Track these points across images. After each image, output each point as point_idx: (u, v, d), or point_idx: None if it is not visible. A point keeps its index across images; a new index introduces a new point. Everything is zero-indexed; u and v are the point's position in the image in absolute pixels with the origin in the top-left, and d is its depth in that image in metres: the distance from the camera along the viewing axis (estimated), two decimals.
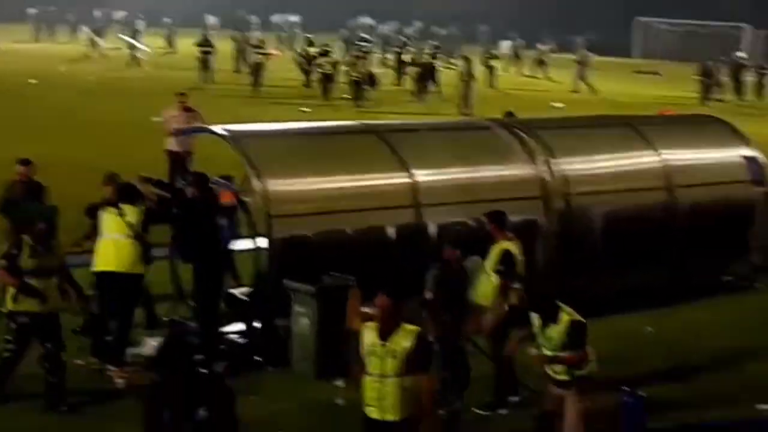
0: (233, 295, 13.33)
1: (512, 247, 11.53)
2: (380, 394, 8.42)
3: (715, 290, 15.55)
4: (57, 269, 10.82)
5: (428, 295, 10.87)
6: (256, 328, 12.80)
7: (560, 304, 9.65)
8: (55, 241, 11.03)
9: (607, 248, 14.91)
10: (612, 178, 15.50)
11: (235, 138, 13.46)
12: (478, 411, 10.90)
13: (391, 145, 14.08)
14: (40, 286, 10.62)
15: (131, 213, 11.94)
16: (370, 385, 8.46)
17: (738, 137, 16.84)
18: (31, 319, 10.62)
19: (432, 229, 13.70)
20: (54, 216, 11.52)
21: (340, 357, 11.82)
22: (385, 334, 8.46)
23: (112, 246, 11.92)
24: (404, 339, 8.42)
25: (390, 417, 8.41)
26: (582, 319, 9.57)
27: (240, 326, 13.05)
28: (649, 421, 4.99)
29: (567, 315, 9.52)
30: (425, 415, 8.41)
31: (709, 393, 11.70)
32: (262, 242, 12.96)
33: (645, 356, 12.71)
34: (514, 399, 11.15)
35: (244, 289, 13.32)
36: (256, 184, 12.86)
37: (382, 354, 8.41)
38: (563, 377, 9.50)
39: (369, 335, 8.52)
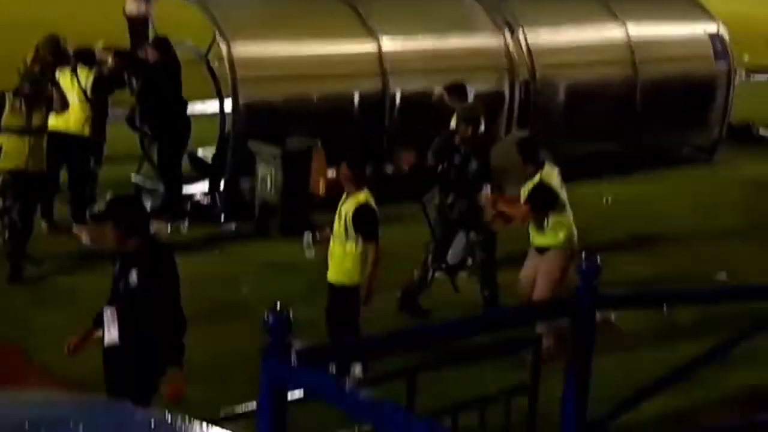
0: (197, 156, 13.52)
1: None
2: (331, 254, 8.89)
3: (673, 162, 15.95)
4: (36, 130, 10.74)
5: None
6: (219, 188, 13.01)
7: (547, 163, 9.71)
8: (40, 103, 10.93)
9: (569, 120, 15.15)
10: (577, 51, 15.63)
11: (201, 1, 13.43)
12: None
13: (359, 12, 14.10)
14: (18, 145, 10.61)
15: (85, 76, 11.92)
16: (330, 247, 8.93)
17: (703, 13, 16.94)
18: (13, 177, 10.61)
19: (397, 97, 13.87)
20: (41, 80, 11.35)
21: (302, 217, 12.12)
22: (344, 200, 8.91)
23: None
24: (351, 204, 8.78)
25: (335, 278, 8.84)
26: (549, 184, 9.51)
27: (203, 186, 13.27)
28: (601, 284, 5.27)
29: (540, 176, 9.54)
30: (367, 281, 8.74)
31: (664, 261, 12.07)
32: (228, 105, 13.06)
33: (602, 224, 13.02)
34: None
35: (208, 150, 13.51)
36: (222, 47, 12.91)
37: (338, 217, 8.82)
38: (536, 243, 9.68)
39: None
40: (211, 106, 13.89)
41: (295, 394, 4.30)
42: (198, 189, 13.30)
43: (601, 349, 6.16)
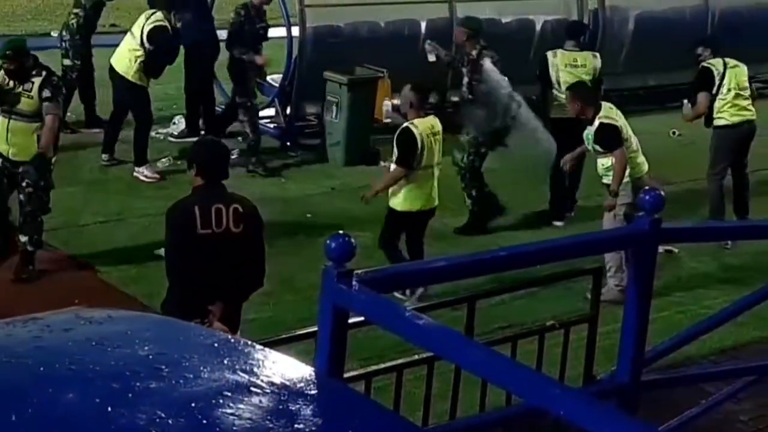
0: (265, 82, 13.58)
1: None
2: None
3: None
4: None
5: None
6: (287, 114, 13.07)
7: (605, 104, 9.68)
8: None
9: (638, 50, 14.98)
10: None
11: None
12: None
13: None
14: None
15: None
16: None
17: None
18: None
19: None
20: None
21: (368, 145, 12.15)
22: None
23: None
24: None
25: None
26: (613, 122, 9.45)
27: (271, 112, 13.35)
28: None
29: (599, 118, 9.46)
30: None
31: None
32: (295, 31, 13.06)
33: (671, 158, 12.90)
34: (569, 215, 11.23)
35: (276, 76, 13.53)
36: None
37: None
38: (605, 181, 9.56)
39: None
40: (279, 33, 13.88)
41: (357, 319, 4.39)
42: (265, 115, 13.39)
43: (662, 283, 6.18)
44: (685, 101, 11.47)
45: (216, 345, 3.05)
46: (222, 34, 12.99)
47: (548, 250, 4.91)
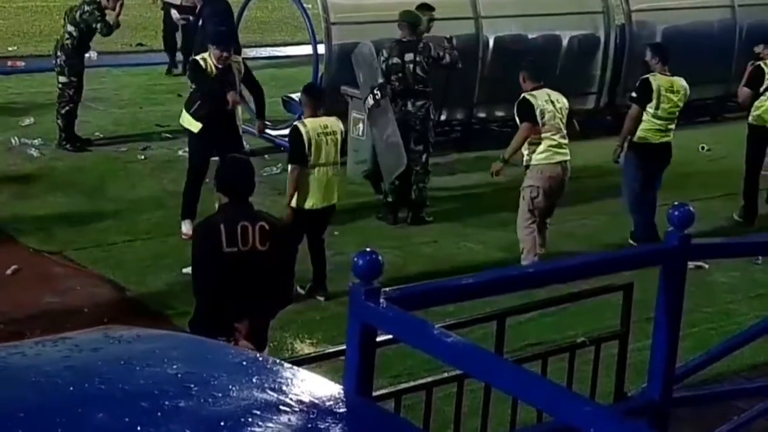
0: (290, 99, 13.62)
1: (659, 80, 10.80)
2: None
3: None
4: None
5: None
6: None
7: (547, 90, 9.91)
8: None
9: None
10: None
11: None
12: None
13: None
14: None
15: None
16: None
17: None
18: None
19: (490, 42, 13.79)
20: None
21: None
22: None
23: None
24: None
25: None
26: (531, 98, 9.70)
27: None
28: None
29: (525, 93, 9.80)
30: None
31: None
32: (321, 49, 13.10)
33: (700, 172, 12.86)
34: None
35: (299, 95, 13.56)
36: None
37: None
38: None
39: None
40: (304, 50, 13.94)
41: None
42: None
43: (692, 299, 6.13)
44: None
45: (244, 363, 3.05)
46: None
47: (576, 267, 4.89)
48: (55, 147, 12.69)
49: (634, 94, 10.79)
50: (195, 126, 10.22)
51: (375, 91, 11.18)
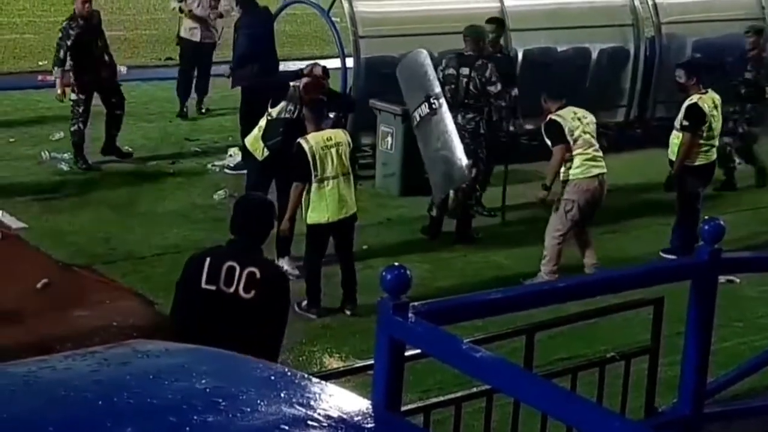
0: None
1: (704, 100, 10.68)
2: None
3: None
4: None
5: None
6: None
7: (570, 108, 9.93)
8: None
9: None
10: (703, 6, 15.33)
11: None
12: None
13: None
14: None
15: None
16: None
17: None
18: None
19: (519, 55, 13.76)
20: None
21: (423, 175, 12.10)
22: None
23: None
24: None
25: None
26: (559, 118, 9.78)
27: None
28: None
29: (552, 114, 9.86)
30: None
31: None
32: (349, 62, 13.12)
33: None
34: None
35: None
36: (344, 5, 12.96)
37: None
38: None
39: None
40: (333, 63, 13.95)
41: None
42: None
43: (723, 314, 6.08)
44: None
45: (273, 378, 3.04)
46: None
47: (606, 282, 4.87)
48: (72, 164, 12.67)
49: (686, 123, 10.49)
50: (261, 154, 10.10)
51: (432, 100, 10.83)
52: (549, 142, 9.85)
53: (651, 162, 12.30)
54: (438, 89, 10.63)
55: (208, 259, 5.83)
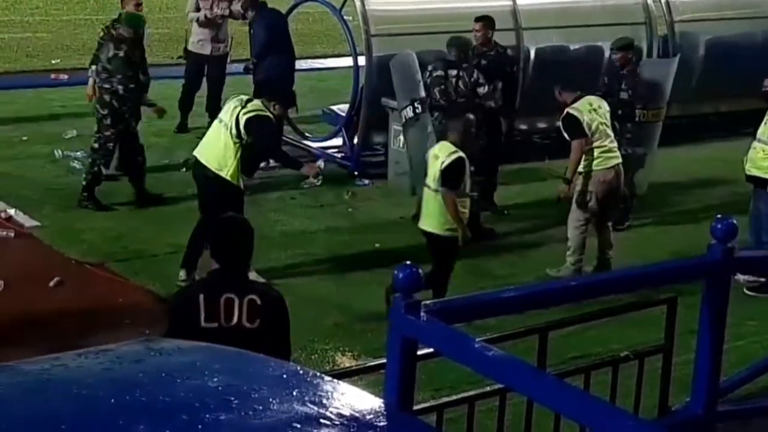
0: (331, 111, 13.64)
1: None
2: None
3: None
4: None
5: None
6: (353, 144, 13.11)
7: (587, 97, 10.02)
8: None
9: (708, 76, 14.82)
10: (717, 5, 15.29)
11: None
12: None
13: None
14: None
15: None
16: None
17: None
18: None
19: (531, 53, 13.74)
20: None
21: None
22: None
23: None
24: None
25: None
26: (576, 113, 9.80)
27: (338, 141, 13.41)
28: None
29: (568, 108, 9.90)
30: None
31: None
32: (362, 61, 13.12)
33: (740, 185, 12.71)
34: None
35: (343, 106, 13.59)
36: (356, 3, 12.96)
37: None
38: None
39: None
40: (345, 62, 13.97)
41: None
42: (333, 144, 13.48)
43: (736, 312, 6.07)
44: None
45: (285, 376, 3.04)
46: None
47: (619, 281, 4.86)
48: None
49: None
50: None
51: (416, 104, 11.16)
52: (567, 136, 9.89)
53: (664, 160, 12.28)
54: (423, 94, 11.16)
55: (201, 296, 5.45)
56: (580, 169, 9.84)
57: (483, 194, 11.12)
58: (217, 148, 9.30)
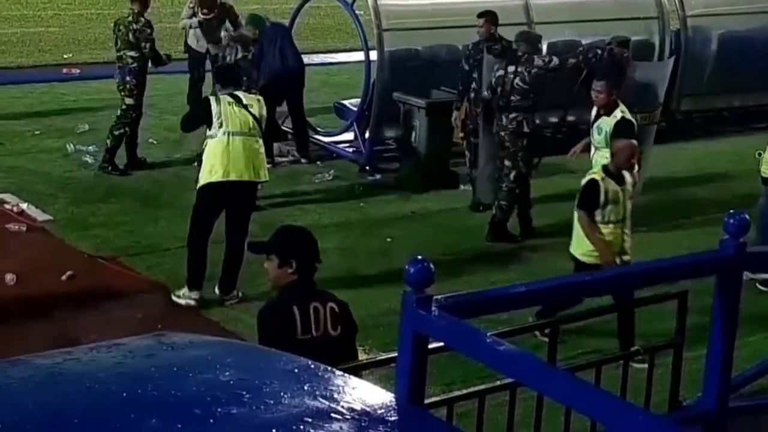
0: (343, 105, 13.65)
1: None
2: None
3: None
4: None
5: None
6: (365, 139, 13.11)
7: (620, 102, 9.81)
8: None
9: (721, 70, 14.79)
10: (728, 0, 15.29)
11: None
12: None
13: None
14: None
15: None
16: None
17: None
18: None
19: (544, 48, 13.71)
20: None
21: (447, 169, 12.12)
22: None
23: None
24: None
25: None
26: (632, 119, 9.59)
27: (349, 136, 13.42)
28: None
29: (621, 112, 9.69)
30: None
31: None
32: (373, 55, 13.12)
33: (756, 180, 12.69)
34: None
35: (355, 100, 13.59)
36: None
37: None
38: None
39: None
40: (356, 56, 13.97)
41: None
42: (344, 139, 13.49)
43: (748, 308, 6.07)
44: None
45: (296, 371, 3.05)
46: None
47: (630, 276, 4.85)
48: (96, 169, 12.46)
49: None
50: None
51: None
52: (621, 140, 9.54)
53: (676, 155, 12.27)
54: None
55: (294, 308, 5.49)
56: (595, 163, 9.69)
57: (521, 218, 11.03)
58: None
